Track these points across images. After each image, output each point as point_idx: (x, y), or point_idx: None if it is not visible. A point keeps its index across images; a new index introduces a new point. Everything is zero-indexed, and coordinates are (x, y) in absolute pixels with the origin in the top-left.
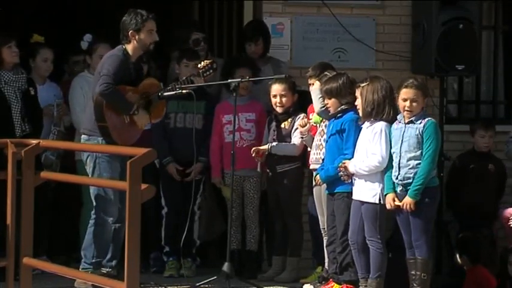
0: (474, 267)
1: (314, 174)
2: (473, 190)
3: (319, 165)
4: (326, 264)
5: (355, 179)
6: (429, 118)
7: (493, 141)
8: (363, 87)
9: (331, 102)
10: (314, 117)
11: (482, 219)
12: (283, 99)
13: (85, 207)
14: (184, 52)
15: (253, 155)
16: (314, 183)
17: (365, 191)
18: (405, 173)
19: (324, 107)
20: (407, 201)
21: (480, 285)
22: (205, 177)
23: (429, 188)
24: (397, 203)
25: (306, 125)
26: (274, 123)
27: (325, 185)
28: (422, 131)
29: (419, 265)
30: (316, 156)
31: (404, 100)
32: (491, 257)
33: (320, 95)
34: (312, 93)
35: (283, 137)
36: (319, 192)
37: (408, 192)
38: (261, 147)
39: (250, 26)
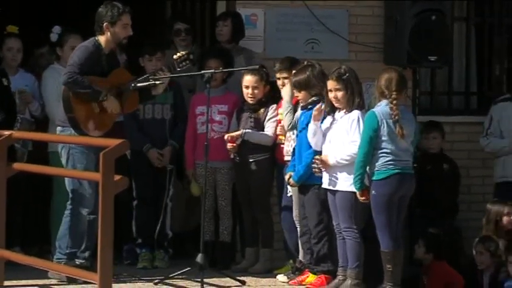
0: (438, 262)
1: (285, 174)
2: (432, 190)
3: (290, 157)
4: (300, 255)
5: (323, 170)
6: (371, 110)
7: (439, 142)
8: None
9: (301, 95)
10: (281, 113)
11: (443, 216)
12: (255, 91)
13: (55, 198)
14: (146, 47)
15: (225, 138)
16: (287, 183)
17: (340, 181)
18: None
19: (290, 125)
20: (358, 193)
21: (445, 281)
22: (181, 168)
23: (375, 181)
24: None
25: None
26: (246, 113)
27: None
28: None
29: (383, 257)
30: (287, 148)
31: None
32: (455, 253)
33: (287, 111)
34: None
35: (258, 126)
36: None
37: None
38: (234, 133)
39: (222, 12)
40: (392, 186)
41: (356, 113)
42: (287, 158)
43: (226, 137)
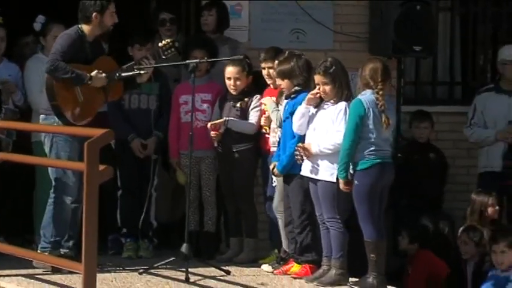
0: (423, 251)
1: (271, 165)
2: (420, 179)
3: (276, 148)
4: (284, 244)
5: (306, 158)
6: (357, 97)
7: (429, 131)
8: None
9: (284, 83)
10: (265, 103)
11: (430, 205)
12: (237, 82)
13: (39, 188)
14: (136, 37)
15: (208, 126)
16: (273, 175)
17: (322, 170)
18: None
19: (278, 122)
20: (340, 181)
21: (429, 270)
22: (168, 158)
23: (358, 171)
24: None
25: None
26: (230, 103)
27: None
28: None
29: (367, 246)
30: (273, 139)
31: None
32: (443, 242)
33: (272, 110)
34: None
35: (243, 116)
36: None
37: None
38: (217, 121)
39: (207, 2)
40: (375, 176)
41: (343, 103)
42: (273, 149)
43: (209, 125)
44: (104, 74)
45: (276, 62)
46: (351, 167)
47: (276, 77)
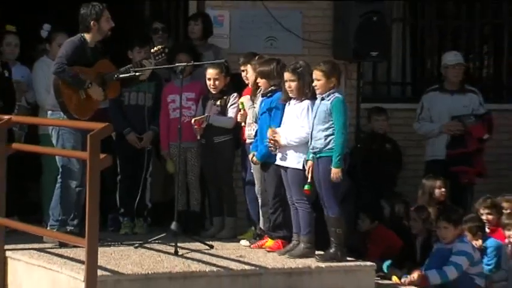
0: (379, 227)
1: (250, 154)
2: (377, 166)
3: (252, 140)
4: (261, 223)
5: (277, 149)
6: (337, 96)
7: (387, 124)
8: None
9: (262, 82)
10: (242, 102)
11: (385, 189)
12: (216, 82)
13: (45, 176)
14: (136, 40)
15: (192, 122)
16: (252, 162)
17: (290, 159)
18: (315, 143)
19: (253, 117)
20: (334, 171)
21: (386, 244)
22: (159, 149)
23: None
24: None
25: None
26: (211, 101)
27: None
28: (330, 108)
29: (332, 222)
30: (249, 132)
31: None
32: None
33: (248, 107)
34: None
35: (223, 113)
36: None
37: (332, 163)
38: (200, 117)
39: (194, 13)
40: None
41: (306, 102)
42: (249, 140)
43: (193, 120)
44: (101, 89)
45: (254, 63)
46: (311, 155)
47: (255, 74)
